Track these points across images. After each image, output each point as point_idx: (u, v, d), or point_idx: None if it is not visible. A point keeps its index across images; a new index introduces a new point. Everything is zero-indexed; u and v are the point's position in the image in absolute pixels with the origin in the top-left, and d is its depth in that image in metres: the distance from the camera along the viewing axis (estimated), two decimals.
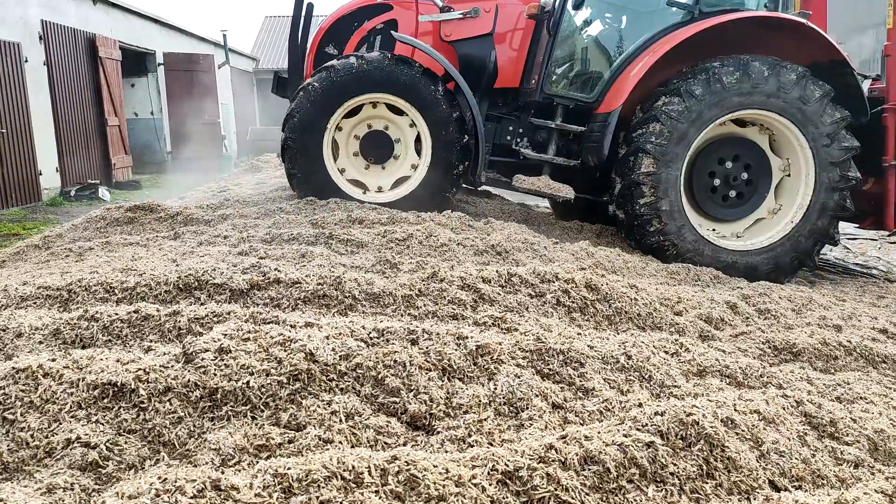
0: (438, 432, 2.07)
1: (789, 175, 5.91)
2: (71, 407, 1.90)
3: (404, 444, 1.99)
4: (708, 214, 5.94)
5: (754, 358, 3.26)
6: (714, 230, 5.96)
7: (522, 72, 6.19)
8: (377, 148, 5.92)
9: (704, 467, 1.90)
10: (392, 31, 6.13)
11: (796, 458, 2.10)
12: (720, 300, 4.11)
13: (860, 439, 2.38)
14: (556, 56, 6.09)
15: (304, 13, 6.57)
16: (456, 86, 5.88)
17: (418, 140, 5.89)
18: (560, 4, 5.99)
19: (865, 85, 6.48)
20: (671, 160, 5.54)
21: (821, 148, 5.66)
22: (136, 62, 18.51)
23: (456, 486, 1.65)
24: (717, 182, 5.87)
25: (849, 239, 8.62)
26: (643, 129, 5.57)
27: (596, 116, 5.94)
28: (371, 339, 2.38)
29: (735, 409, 2.19)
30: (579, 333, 2.91)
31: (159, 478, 1.52)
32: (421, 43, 5.95)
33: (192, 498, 1.44)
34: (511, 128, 6.27)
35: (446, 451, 1.95)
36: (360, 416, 2.04)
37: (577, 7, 6.03)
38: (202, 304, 2.95)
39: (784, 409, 2.39)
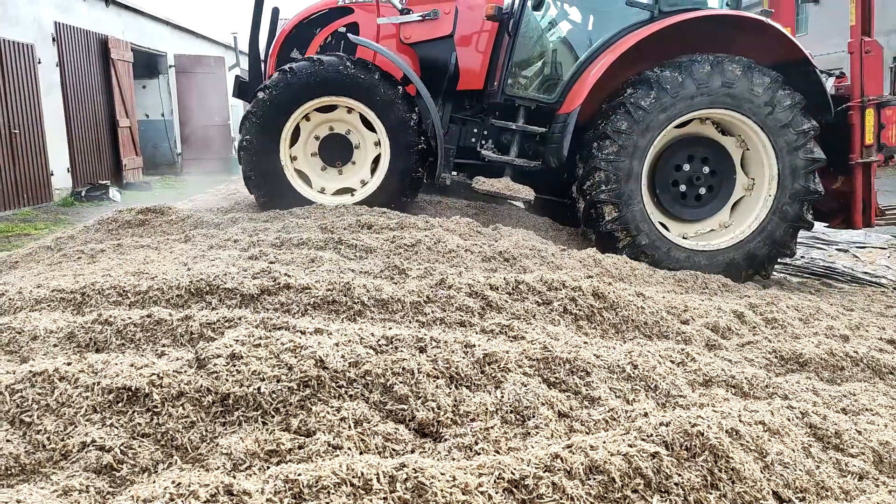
0: (446, 440, 2.10)
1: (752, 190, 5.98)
2: (86, 410, 1.94)
3: (412, 451, 2.02)
4: (671, 214, 5.98)
5: (760, 368, 3.27)
6: (681, 233, 6.00)
7: (486, 74, 6.18)
8: (337, 151, 5.92)
9: (709, 478, 1.92)
10: (349, 34, 6.13)
11: (800, 470, 2.12)
12: (727, 309, 4.12)
13: (865, 451, 2.39)
14: (517, 57, 6.11)
15: (270, 17, 6.56)
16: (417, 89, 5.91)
17: (379, 144, 5.90)
18: (520, 6, 5.99)
19: (830, 83, 6.49)
20: (630, 167, 5.57)
21: (779, 137, 5.68)
22: (147, 64, 18.66)
23: (463, 493, 1.68)
24: (680, 183, 5.90)
25: (858, 247, 8.60)
26: (600, 137, 5.62)
27: (557, 117, 5.96)
28: (380, 346, 2.41)
29: (740, 420, 2.21)
30: (586, 342, 2.93)
31: (173, 482, 1.55)
32: (376, 44, 5.95)
33: (205, 502, 1.47)
34: (476, 130, 6.27)
35: (453, 459, 1.98)
36: (368, 422, 2.07)
37: (536, 8, 6.02)
38: (213, 308, 2.99)
39: (789, 420, 2.41)
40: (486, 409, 2.23)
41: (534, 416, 2.23)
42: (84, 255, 4.82)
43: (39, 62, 12.44)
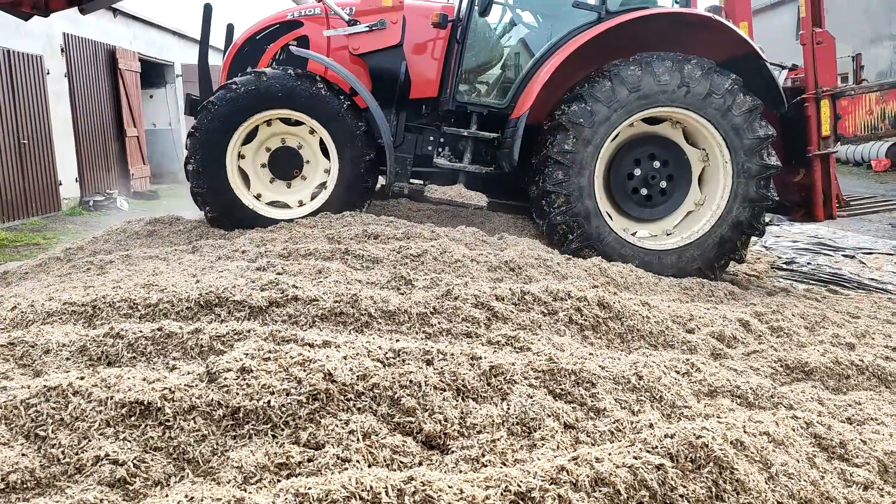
0: (453, 452, 2.13)
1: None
2: (100, 424, 1.98)
3: (419, 464, 2.05)
4: (629, 214, 6.01)
5: (766, 377, 3.28)
6: (625, 227, 6.02)
7: (440, 81, 6.20)
8: (288, 164, 5.91)
9: (714, 489, 1.93)
10: (290, 46, 6.14)
11: (805, 480, 2.13)
12: (732, 318, 4.14)
13: (870, 461, 2.40)
14: (467, 64, 6.12)
15: (225, 34, 6.58)
16: None
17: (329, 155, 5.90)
18: (467, 12, 6.02)
19: (783, 76, 6.48)
20: (581, 166, 5.60)
21: (734, 141, 5.68)
22: (154, 74, 18.80)
23: None
24: (635, 182, 5.93)
25: (864, 254, 8.59)
26: (552, 136, 5.65)
27: (509, 122, 5.98)
28: (387, 359, 2.44)
29: (745, 432, 2.23)
30: (591, 353, 2.95)
31: (186, 496, 1.58)
32: (319, 56, 5.95)
33: None
34: (432, 138, 6.28)
35: (460, 471, 2.00)
36: (376, 435, 2.10)
37: (483, 14, 6.02)
38: (223, 321, 3.03)
39: (794, 430, 2.42)
40: (493, 421, 2.26)
41: (539, 428, 2.25)
42: (93, 265, 4.87)
43: (48, 73, 12.57)
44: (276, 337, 2.71)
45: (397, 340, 2.78)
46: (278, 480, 1.86)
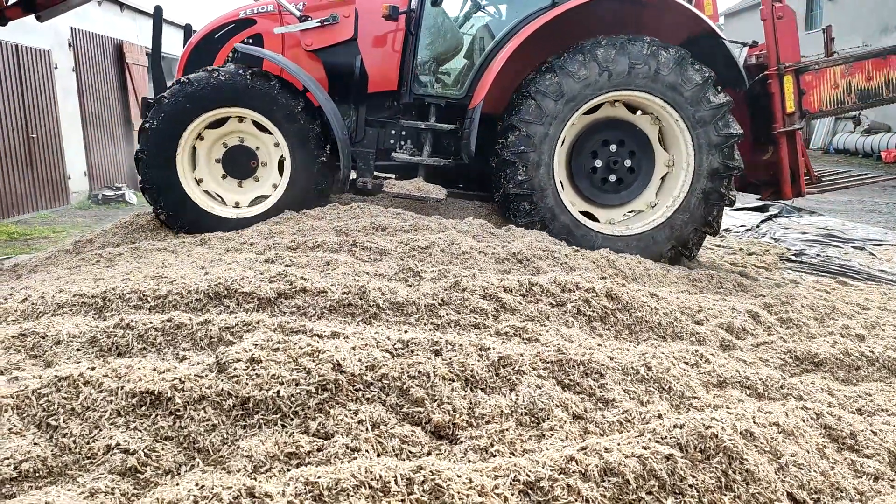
0: (461, 442, 2.13)
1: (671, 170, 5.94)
2: (111, 414, 1.99)
3: (428, 454, 2.05)
4: (593, 201, 5.97)
5: (775, 368, 3.27)
6: (608, 219, 5.98)
7: (399, 74, 6.14)
8: (242, 163, 5.85)
9: (723, 480, 1.93)
10: (236, 44, 6.06)
11: (815, 471, 2.13)
12: (742, 309, 4.12)
13: (880, 452, 2.39)
14: (422, 55, 6.07)
15: (153, 18, 6.49)
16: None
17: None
18: (419, 2, 5.96)
19: (742, 53, 6.39)
20: (541, 147, 5.57)
21: (692, 116, 5.62)
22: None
23: (479, 495, 1.71)
24: (599, 169, 5.89)
25: (874, 245, 8.53)
26: (508, 134, 5.61)
27: (467, 112, 5.93)
28: (396, 349, 2.45)
29: (754, 422, 2.22)
30: (599, 344, 2.95)
31: (196, 484, 1.59)
32: (263, 50, 5.90)
33: None
34: (393, 132, 6.24)
35: (469, 461, 2.01)
36: (385, 425, 2.11)
37: (436, 4, 5.97)
38: (231, 312, 3.04)
39: (804, 421, 2.42)
40: (501, 411, 2.26)
41: (548, 418, 2.25)
42: (103, 258, 4.90)
43: (56, 67, 12.60)
44: (284, 328, 2.72)
45: (406, 331, 2.78)
46: (288, 469, 1.87)
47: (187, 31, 6.80)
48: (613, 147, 5.88)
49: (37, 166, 11.77)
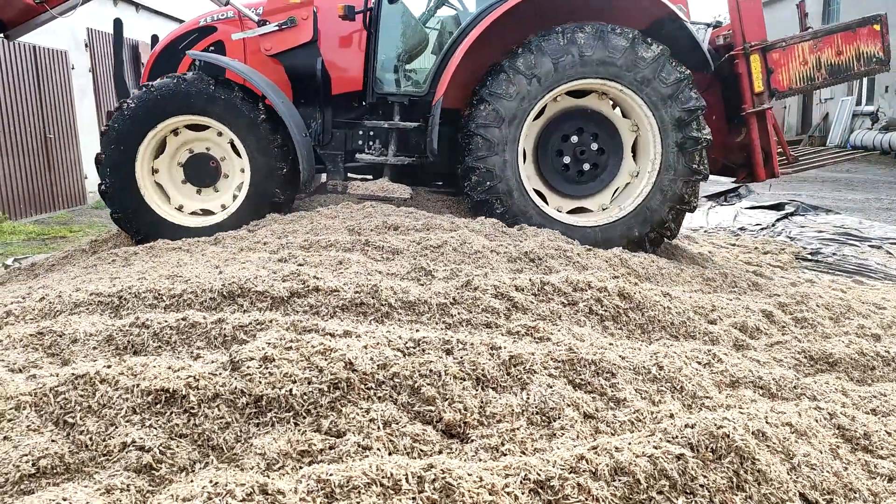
0: (472, 440, 2.14)
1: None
2: (126, 412, 2.02)
3: (439, 452, 2.06)
4: (552, 187, 5.91)
5: (789, 368, 3.25)
6: (558, 206, 5.93)
7: (364, 74, 6.07)
8: (205, 171, 5.81)
9: (734, 480, 1.93)
10: (187, 51, 6.05)
11: (828, 472, 2.12)
12: (756, 309, 4.10)
13: (895, 453, 2.37)
14: (382, 54, 6.01)
15: (113, 31, 6.48)
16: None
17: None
18: (377, 2, 5.90)
19: (707, 35, 6.30)
20: (502, 143, 5.52)
21: (661, 112, 5.55)
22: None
23: (489, 494, 1.72)
24: (565, 154, 5.83)
25: (891, 244, 8.44)
26: (475, 104, 5.57)
27: (430, 109, 5.87)
28: (407, 348, 2.46)
29: (767, 422, 2.21)
30: (611, 343, 2.94)
31: (210, 481, 1.61)
32: (223, 58, 5.84)
33: (241, 501, 1.53)
34: (361, 132, 6.18)
35: (480, 460, 2.02)
36: (396, 423, 2.12)
37: (393, 1, 5.90)
38: (245, 311, 3.06)
39: (817, 421, 2.40)
40: (512, 410, 2.27)
41: (559, 418, 2.26)
42: (118, 257, 4.95)
43: (73, 68, 12.74)
44: (297, 327, 2.74)
45: (417, 330, 2.80)
46: (300, 467, 1.89)
47: (153, 40, 6.80)
48: (586, 139, 5.81)
49: (54, 166, 11.91)
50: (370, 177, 6.41)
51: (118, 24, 6.43)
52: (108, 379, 2.11)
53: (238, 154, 5.74)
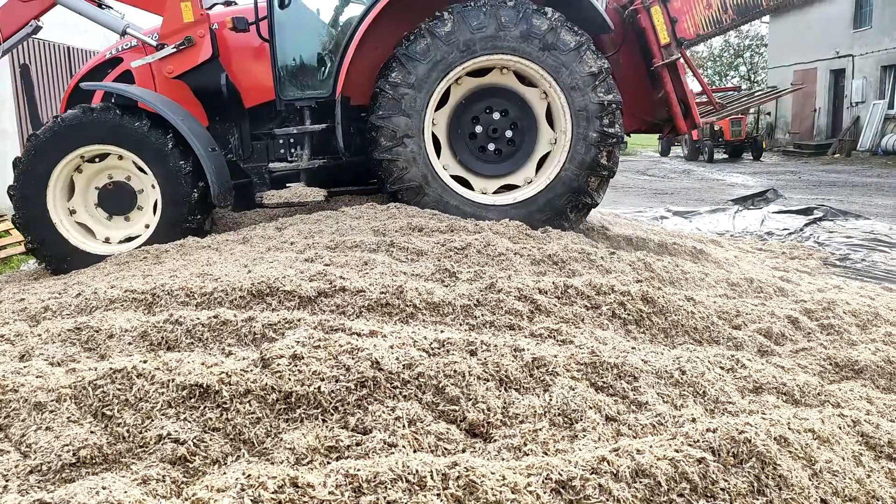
0: (495, 440, 2.19)
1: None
2: (162, 405, 2.10)
3: (463, 451, 2.11)
4: (471, 169, 5.83)
5: (814, 375, 3.24)
6: (483, 188, 5.86)
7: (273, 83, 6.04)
8: (120, 199, 5.82)
9: (755, 484, 1.95)
10: (81, 82, 6.07)
11: (850, 478, 2.12)
12: (781, 314, 4.08)
13: None
14: (283, 60, 5.97)
15: (21, 76, 6.47)
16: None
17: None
18: (267, 9, 5.86)
19: None
20: (408, 122, 5.48)
21: (566, 81, 5.45)
22: None
23: (512, 492, 1.76)
24: (477, 137, 5.76)
25: None
26: (375, 95, 5.53)
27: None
28: (432, 349, 2.51)
29: (789, 428, 2.22)
30: (633, 347, 2.97)
31: (243, 473, 1.68)
32: (113, 85, 5.86)
33: (273, 493, 1.59)
34: (282, 141, 6.15)
35: (503, 459, 2.06)
36: (421, 422, 2.17)
37: (283, 6, 5.86)
38: (274, 310, 3.14)
39: (840, 428, 2.40)
40: (535, 411, 2.31)
41: (581, 420, 2.29)
42: (150, 255, 5.07)
43: None
44: (324, 326, 2.81)
45: (442, 331, 2.85)
46: (328, 462, 1.95)
47: (23, 70, 6.85)
48: (498, 118, 5.77)
49: None
50: (302, 183, 6.33)
51: (25, 69, 6.55)
52: (144, 374, 2.19)
53: (153, 186, 5.72)
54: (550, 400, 2.36)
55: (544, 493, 1.78)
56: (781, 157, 27.38)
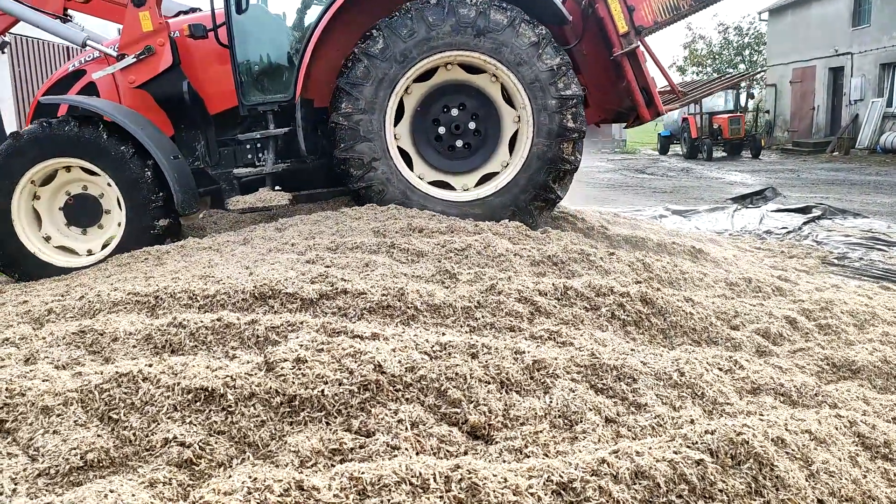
0: (497, 442, 2.21)
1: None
2: (167, 409, 2.12)
3: (465, 453, 2.14)
4: (443, 169, 5.84)
5: (811, 375, 3.28)
6: (463, 185, 5.86)
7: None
8: (87, 212, 5.81)
9: (753, 485, 1.98)
10: (41, 97, 6.06)
11: (846, 479, 2.15)
12: (779, 315, 4.11)
13: None
14: (243, 65, 5.96)
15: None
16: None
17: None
18: (225, 14, 5.86)
19: None
20: (369, 121, 5.48)
21: (526, 76, 5.45)
22: None
23: (513, 494, 1.79)
24: (443, 136, 5.77)
25: None
26: (335, 95, 5.54)
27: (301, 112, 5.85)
28: (434, 352, 2.54)
29: (786, 429, 2.25)
30: (633, 349, 3.00)
31: (249, 476, 1.71)
32: (71, 97, 5.86)
33: (279, 496, 1.62)
34: (248, 146, 6.15)
35: (504, 461, 2.09)
36: (424, 424, 2.20)
37: (240, 11, 5.84)
38: (276, 312, 3.16)
39: (836, 429, 2.43)
40: (536, 413, 2.33)
41: (581, 421, 2.32)
42: (151, 256, 5.10)
43: None
44: (327, 329, 2.84)
45: (443, 334, 2.87)
46: (332, 465, 1.98)
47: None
48: (458, 114, 5.78)
49: None
50: (278, 188, 6.33)
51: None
52: (150, 377, 2.22)
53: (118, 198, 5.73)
54: (551, 402, 2.39)
55: (545, 494, 1.81)
56: (780, 155, 27.41)
